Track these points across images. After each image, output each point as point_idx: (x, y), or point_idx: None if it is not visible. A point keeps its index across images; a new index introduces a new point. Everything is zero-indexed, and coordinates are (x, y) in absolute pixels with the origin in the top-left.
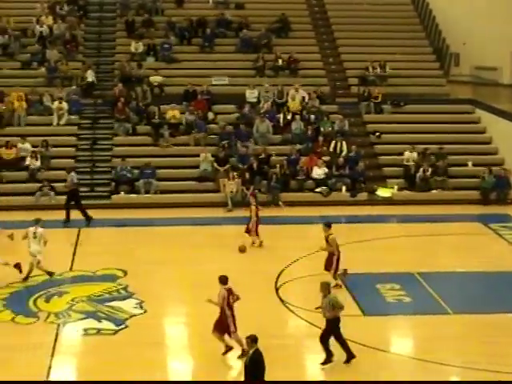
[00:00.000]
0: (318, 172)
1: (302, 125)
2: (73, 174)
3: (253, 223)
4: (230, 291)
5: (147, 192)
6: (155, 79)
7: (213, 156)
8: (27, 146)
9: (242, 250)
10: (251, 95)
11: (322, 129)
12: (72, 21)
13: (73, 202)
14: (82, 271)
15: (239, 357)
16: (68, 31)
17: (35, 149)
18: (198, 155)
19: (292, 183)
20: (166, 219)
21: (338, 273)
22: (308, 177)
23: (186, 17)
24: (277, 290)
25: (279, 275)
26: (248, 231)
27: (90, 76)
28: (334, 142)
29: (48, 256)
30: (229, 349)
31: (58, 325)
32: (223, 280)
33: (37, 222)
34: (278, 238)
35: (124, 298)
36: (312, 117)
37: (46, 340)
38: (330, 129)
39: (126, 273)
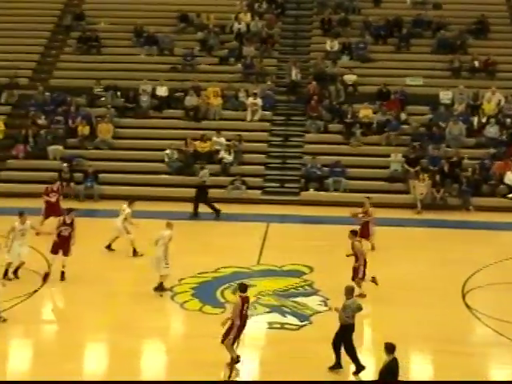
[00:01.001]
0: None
1: (497, 129)
2: (205, 170)
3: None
4: (245, 300)
5: (336, 190)
6: (349, 78)
7: (404, 157)
8: (222, 139)
9: (354, 216)
10: (445, 97)
11: None
12: (269, 18)
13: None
14: (269, 265)
15: (229, 364)
16: (265, 29)
17: (229, 143)
18: (389, 155)
19: (484, 188)
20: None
21: (364, 281)
22: (501, 182)
23: (382, 16)
24: (463, 295)
25: (467, 281)
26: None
27: (295, 74)
28: None
29: (237, 249)
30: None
31: None
32: (242, 288)
33: (130, 202)
34: (468, 242)
35: (309, 295)
36: (508, 121)
37: None
38: None
39: (312, 269)
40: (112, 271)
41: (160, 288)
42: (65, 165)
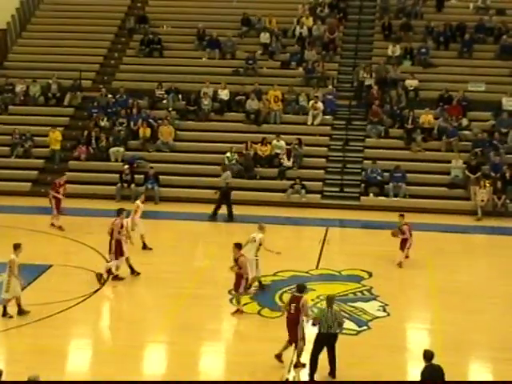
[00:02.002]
0: None
1: None
2: (228, 172)
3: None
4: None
5: (396, 195)
6: (411, 83)
7: (465, 163)
8: (282, 143)
9: (395, 235)
10: (508, 103)
11: None
12: (331, 23)
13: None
14: (328, 270)
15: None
16: (327, 33)
17: (289, 146)
18: (450, 161)
19: None
20: (414, 224)
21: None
22: None
23: (444, 21)
24: None
25: None
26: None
27: (368, 79)
28: None
29: (295, 253)
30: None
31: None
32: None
33: (142, 199)
34: None
35: (368, 300)
36: None
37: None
38: None
39: (371, 274)
40: (172, 273)
41: (260, 287)
42: (126, 167)
